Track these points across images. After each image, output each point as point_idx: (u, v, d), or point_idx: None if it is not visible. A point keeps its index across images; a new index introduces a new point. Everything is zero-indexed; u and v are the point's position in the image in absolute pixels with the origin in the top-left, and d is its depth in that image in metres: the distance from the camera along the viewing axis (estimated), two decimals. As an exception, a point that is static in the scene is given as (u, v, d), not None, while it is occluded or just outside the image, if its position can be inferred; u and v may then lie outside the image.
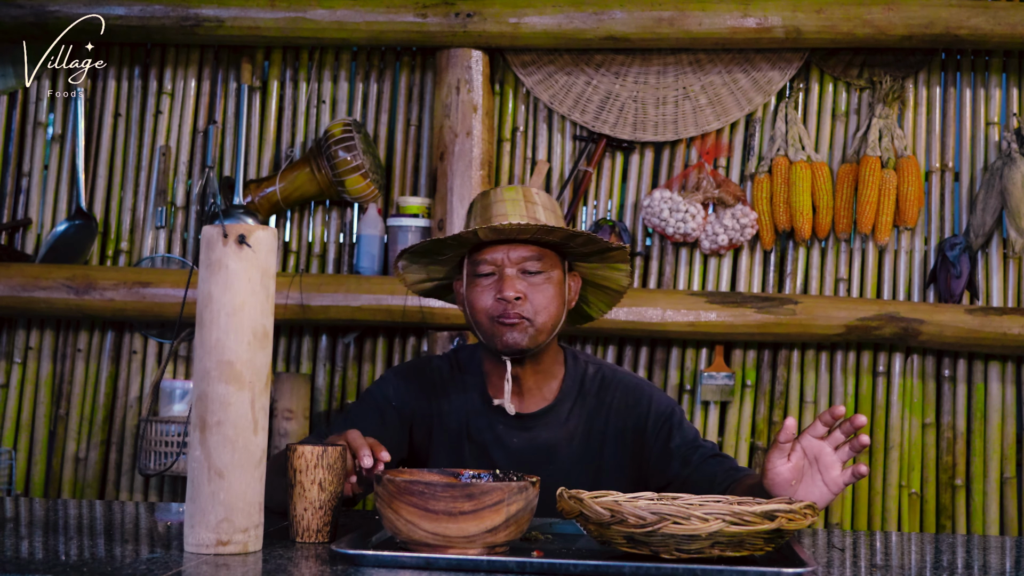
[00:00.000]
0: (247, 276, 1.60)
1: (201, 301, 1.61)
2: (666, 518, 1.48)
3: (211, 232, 1.59)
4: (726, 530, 1.48)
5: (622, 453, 2.13)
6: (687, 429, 2.15)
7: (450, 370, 2.21)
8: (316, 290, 3.23)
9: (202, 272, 1.61)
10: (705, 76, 3.36)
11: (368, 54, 3.51)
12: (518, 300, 2.01)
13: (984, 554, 1.86)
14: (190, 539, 1.58)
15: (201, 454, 1.57)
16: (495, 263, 2.03)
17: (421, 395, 2.19)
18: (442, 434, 2.16)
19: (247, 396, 1.59)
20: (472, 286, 2.06)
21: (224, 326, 1.58)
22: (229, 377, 1.58)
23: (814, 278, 3.35)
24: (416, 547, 1.54)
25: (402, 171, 3.48)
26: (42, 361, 3.49)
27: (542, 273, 2.04)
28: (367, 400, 2.21)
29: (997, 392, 3.28)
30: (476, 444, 2.14)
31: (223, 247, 1.59)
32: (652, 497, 1.74)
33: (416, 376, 2.21)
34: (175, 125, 3.54)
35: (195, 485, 1.58)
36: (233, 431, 1.57)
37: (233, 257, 1.59)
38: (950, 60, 3.36)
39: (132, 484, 3.44)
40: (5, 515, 1.91)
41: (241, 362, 1.59)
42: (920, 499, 3.29)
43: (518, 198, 2.05)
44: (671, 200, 3.25)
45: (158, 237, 3.50)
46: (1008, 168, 3.18)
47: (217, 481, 1.57)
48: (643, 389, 2.19)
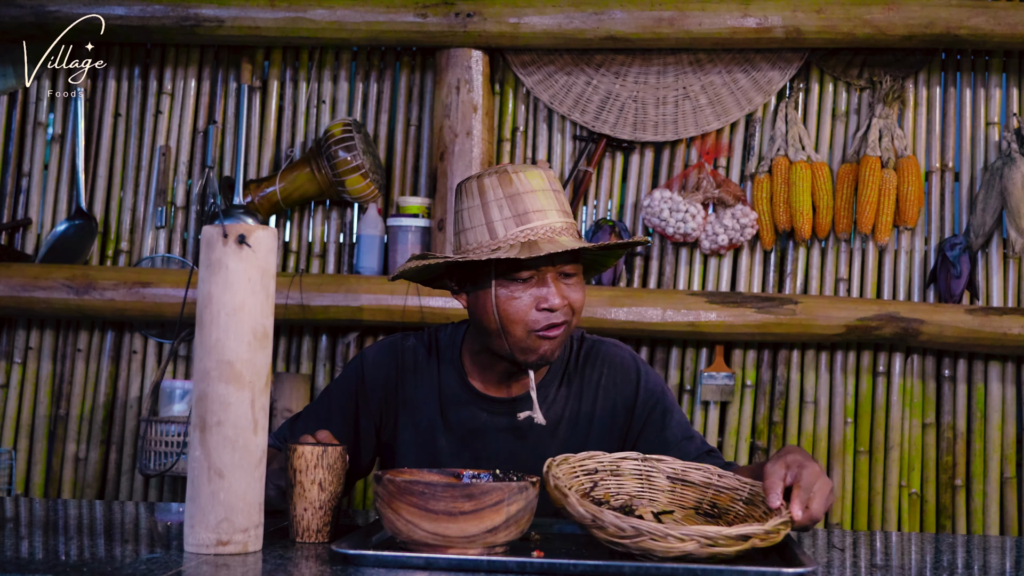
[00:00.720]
0: (247, 276, 1.60)
1: (201, 301, 1.61)
2: (644, 533, 1.48)
3: (211, 232, 1.59)
4: (697, 552, 1.47)
5: (609, 435, 2.05)
6: (679, 415, 2.08)
7: (426, 351, 2.08)
8: (316, 290, 3.23)
9: (202, 272, 1.60)
10: (705, 76, 3.36)
11: (368, 54, 3.51)
12: (564, 309, 1.91)
13: (984, 554, 1.86)
14: (190, 539, 1.57)
15: (201, 454, 1.57)
16: (534, 268, 1.89)
17: (387, 385, 2.06)
18: (411, 427, 2.05)
19: (247, 396, 1.59)
20: (506, 291, 1.90)
21: (224, 326, 1.58)
22: (229, 377, 1.58)
23: (814, 278, 3.35)
24: (416, 547, 1.54)
25: (402, 171, 3.48)
26: (42, 361, 3.49)
27: (574, 275, 1.94)
28: (329, 396, 2.10)
29: (997, 392, 3.28)
30: (455, 436, 2.03)
31: (223, 247, 1.59)
32: (637, 458, 1.77)
33: (384, 364, 2.07)
34: (175, 125, 3.54)
35: (195, 485, 1.58)
36: (233, 431, 1.57)
37: (233, 257, 1.59)
38: (950, 60, 3.36)
39: (132, 484, 3.44)
40: (5, 515, 1.91)
41: (241, 362, 1.59)
42: (920, 499, 3.29)
43: (547, 188, 1.91)
44: (671, 200, 3.25)
45: (158, 237, 3.50)
46: (1008, 168, 3.18)
47: (217, 481, 1.57)
48: (629, 364, 2.09)
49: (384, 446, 2.10)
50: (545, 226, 1.87)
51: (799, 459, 1.69)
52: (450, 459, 2.02)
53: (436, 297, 3.18)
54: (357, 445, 2.08)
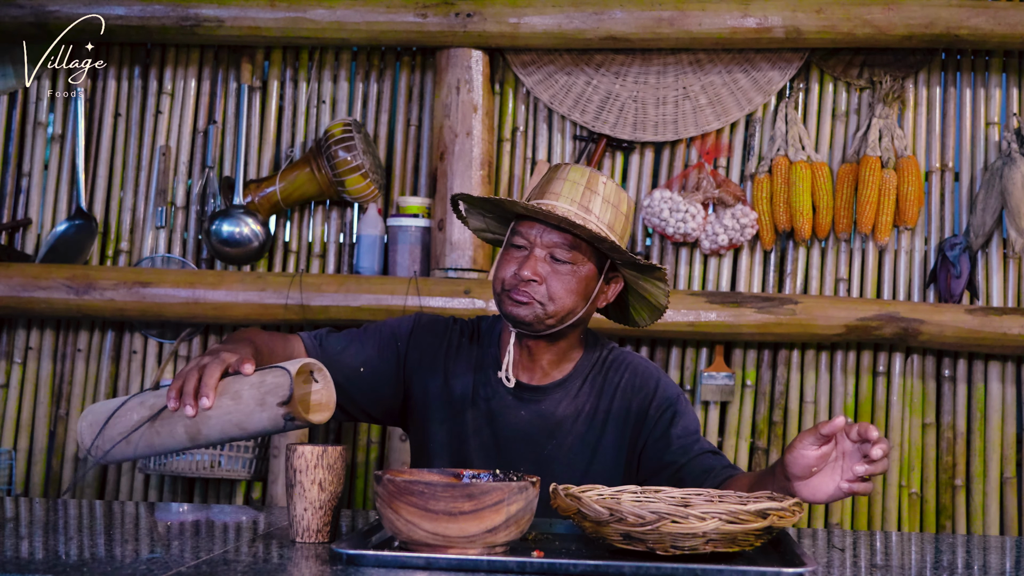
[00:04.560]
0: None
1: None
2: (664, 517, 1.49)
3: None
4: (722, 528, 1.49)
5: (621, 435, 2.12)
6: (690, 419, 2.14)
7: (469, 336, 2.21)
8: (316, 290, 3.22)
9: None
10: (705, 76, 3.36)
11: (368, 54, 3.51)
12: (533, 282, 2.02)
13: (984, 554, 1.86)
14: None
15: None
16: (528, 239, 2.04)
17: (432, 351, 2.18)
18: (445, 395, 2.15)
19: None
20: (504, 253, 2.09)
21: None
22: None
23: (814, 278, 3.35)
24: (416, 547, 1.54)
25: (402, 171, 3.48)
26: (42, 361, 3.49)
27: (569, 264, 2.04)
28: (379, 329, 2.20)
29: (997, 392, 3.28)
30: (480, 411, 2.13)
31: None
32: (635, 491, 1.76)
33: (434, 331, 2.20)
34: (175, 125, 3.54)
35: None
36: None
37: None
38: (950, 60, 3.36)
39: (132, 484, 3.44)
40: (5, 515, 1.91)
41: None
42: (920, 499, 3.29)
43: (580, 182, 2.04)
44: (671, 200, 3.25)
45: (158, 237, 3.50)
46: (1008, 168, 3.18)
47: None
48: (651, 373, 2.18)
49: (415, 407, 2.18)
50: (548, 204, 2.03)
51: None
52: (473, 434, 2.12)
53: (436, 297, 3.18)
54: (382, 380, 2.15)
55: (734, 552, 1.56)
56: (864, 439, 1.70)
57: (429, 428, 2.15)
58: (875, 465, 1.70)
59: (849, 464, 1.73)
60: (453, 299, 3.18)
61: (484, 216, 2.19)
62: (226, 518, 2.01)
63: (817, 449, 1.73)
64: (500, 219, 2.17)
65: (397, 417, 2.21)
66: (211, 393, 1.64)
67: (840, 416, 1.72)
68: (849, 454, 1.74)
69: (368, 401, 2.15)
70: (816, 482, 1.75)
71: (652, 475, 2.09)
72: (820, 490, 1.75)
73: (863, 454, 1.72)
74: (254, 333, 1.98)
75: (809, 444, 1.73)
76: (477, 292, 3.18)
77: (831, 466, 1.75)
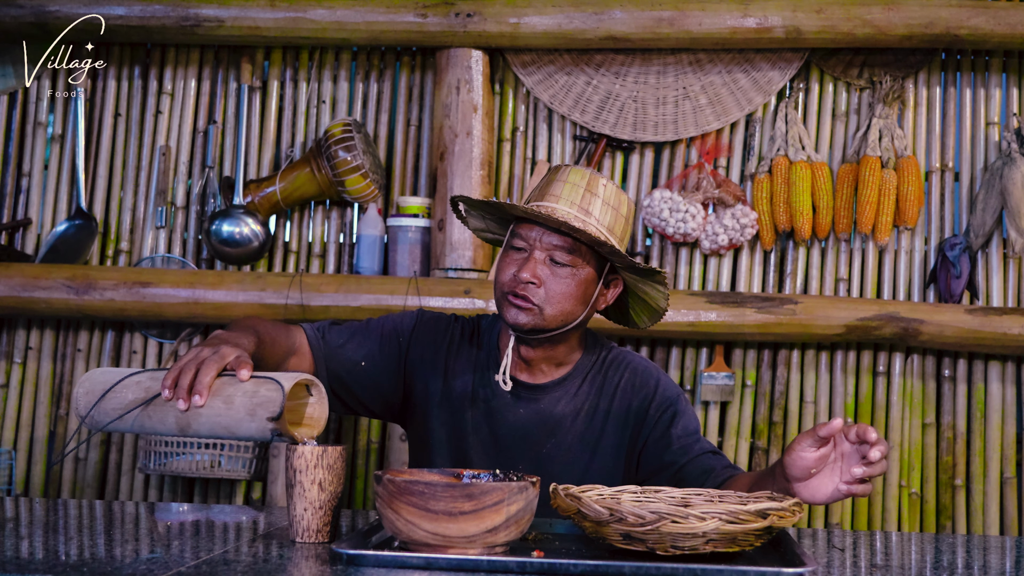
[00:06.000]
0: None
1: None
2: (664, 517, 1.49)
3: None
4: (722, 528, 1.49)
5: (621, 434, 2.13)
6: (690, 419, 2.14)
7: (470, 335, 2.22)
8: (316, 290, 3.23)
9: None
10: (705, 76, 3.36)
11: (368, 54, 3.51)
12: (532, 284, 2.02)
13: (984, 554, 1.86)
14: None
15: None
16: (528, 241, 2.05)
17: (434, 349, 2.19)
18: (445, 393, 2.16)
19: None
20: (503, 255, 2.09)
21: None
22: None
23: (814, 278, 3.35)
24: (416, 547, 1.54)
25: (402, 171, 3.48)
26: (42, 361, 3.49)
27: (568, 267, 2.04)
28: (381, 324, 2.20)
29: (997, 392, 3.28)
30: (480, 410, 2.14)
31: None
32: (635, 491, 1.76)
33: (436, 329, 2.21)
34: (175, 125, 3.54)
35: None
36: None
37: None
38: (950, 60, 3.36)
39: (132, 484, 3.44)
40: (5, 515, 1.91)
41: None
42: (920, 499, 3.29)
43: (580, 184, 2.04)
44: (671, 200, 3.25)
45: (158, 237, 3.50)
46: (1008, 168, 3.18)
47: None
48: (651, 373, 2.18)
49: (415, 404, 2.18)
50: (548, 207, 2.02)
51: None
52: (472, 432, 2.12)
53: (436, 297, 3.18)
54: (383, 374, 2.15)
55: (734, 552, 1.56)
56: (863, 440, 1.70)
57: (429, 425, 2.15)
58: (873, 467, 1.69)
59: (848, 465, 1.73)
60: (453, 299, 3.18)
61: (484, 216, 2.19)
62: (226, 518, 2.01)
63: (815, 451, 1.73)
64: (500, 220, 2.17)
65: (396, 412, 2.21)
66: (205, 392, 1.65)
67: (838, 418, 1.71)
68: (848, 455, 1.74)
69: (368, 395, 2.15)
70: (815, 483, 1.75)
71: (652, 475, 2.09)
72: (819, 491, 1.75)
73: (862, 456, 1.71)
74: (257, 321, 1.98)
75: (807, 446, 1.73)
76: (477, 292, 3.18)
77: (830, 467, 1.75)
